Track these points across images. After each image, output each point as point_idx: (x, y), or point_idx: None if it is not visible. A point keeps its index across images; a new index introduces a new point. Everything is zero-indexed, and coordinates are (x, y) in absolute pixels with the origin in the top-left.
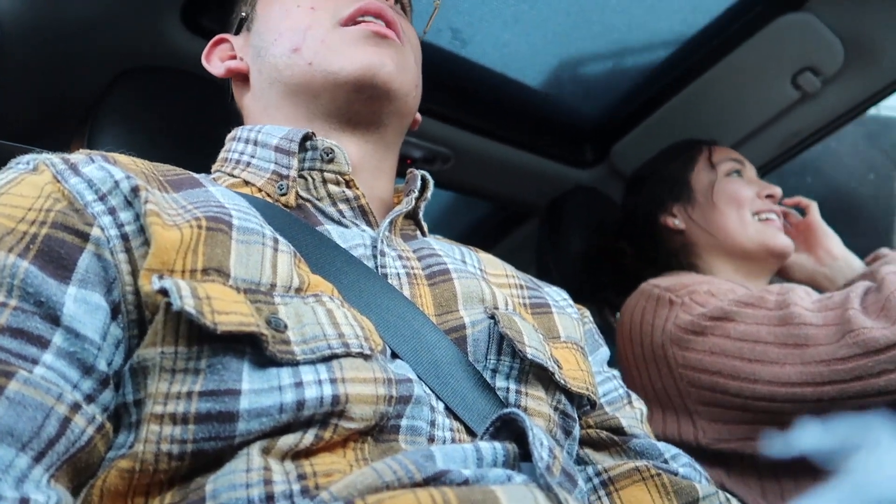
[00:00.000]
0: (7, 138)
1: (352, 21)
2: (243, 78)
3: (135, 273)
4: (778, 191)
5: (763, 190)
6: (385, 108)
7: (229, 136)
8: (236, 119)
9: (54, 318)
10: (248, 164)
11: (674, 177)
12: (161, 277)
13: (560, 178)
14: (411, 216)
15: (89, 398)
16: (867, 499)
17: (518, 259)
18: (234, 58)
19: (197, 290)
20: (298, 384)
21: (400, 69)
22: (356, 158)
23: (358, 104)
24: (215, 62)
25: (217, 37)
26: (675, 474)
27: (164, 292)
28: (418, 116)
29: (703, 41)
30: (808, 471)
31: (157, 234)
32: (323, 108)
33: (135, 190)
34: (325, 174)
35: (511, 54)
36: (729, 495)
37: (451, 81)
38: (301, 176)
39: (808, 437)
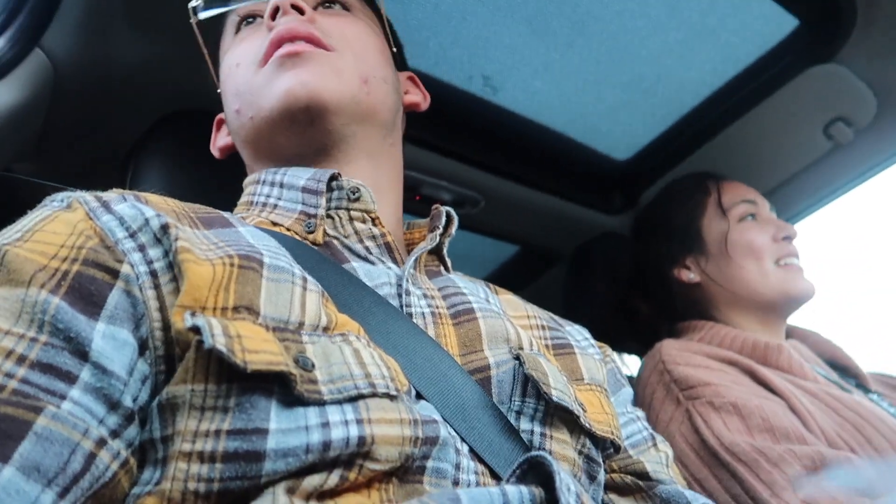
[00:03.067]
0: (52, 180)
1: (267, 59)
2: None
3: (163, 309)
4: (794, 231)
5: (779, 232)
6: (331, 122)
7: (249, 180)
8: None
9: (83, 354)
10: (276, 206)
11: (683, 227)
12: (193, 315)
13: (589, 224)
14: (435, 252)
15: (114, 433)
16: None
17: (544, 303)
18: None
19: (228, 328)
20: (325, 424)
21: (325, 76)
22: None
23: (303, 133)
24: (216, 145)
25: (217, 117)
26: None
27: (196, 330)
28: (415, 98)
29: (732, 91)
30: None
31: (189, 270)
32: (283, 153)
33: (164, 227)
34: (352, 212)
35: (541, 101)
36: None
37: (482, 127)
38: (328, 216)
39: (838, 486)
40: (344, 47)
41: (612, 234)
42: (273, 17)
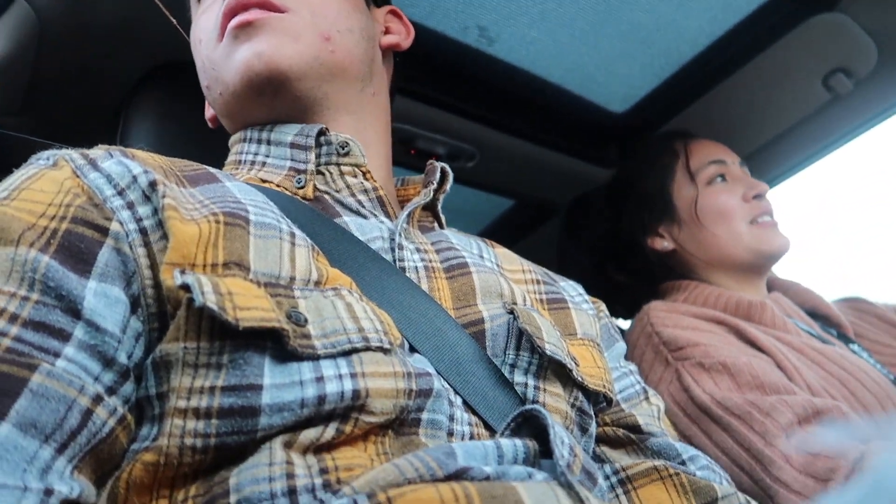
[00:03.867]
0: (42, 135)
1: (223, 32)
2: None
3: (154, 267)
4: (765, 188)
5: (750, 191)
6: (297, 88)
7: (234, 138)
8: None
9: (75, 312)
10: (264, 163)
11: (654, 194)
12: (183, 272)
13: (585, 177)
14: (429, 208)
15: (110, 390)
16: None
17: (540, 256)
18: None
19: (219, 285)
20: (319, 379)
21: (281, 43)
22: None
23: (270, 102)
24: (207, 115)
25: None
26: (693, 475)
27: (186, 288)
28: (394, 39)
29: (732, 40)
30: None
31: (175, 228)
32: (259, 122)
33: (153, 184)
34: (342, 167)
35: (538, 52)
36: (748, 497)
37: (477, 79)
38: (318, 171)
39: (830, 434)
40: (299, 6)
41: (608, 186)
42: None
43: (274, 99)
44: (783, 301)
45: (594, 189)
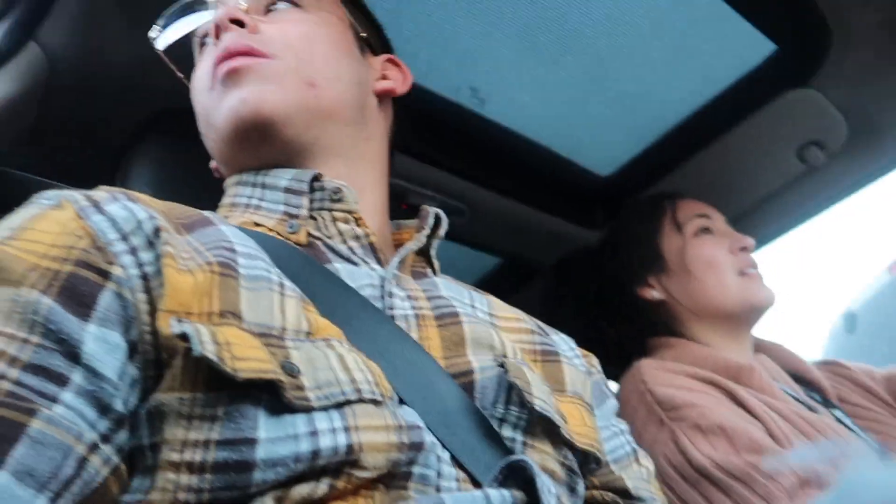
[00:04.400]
0: (43, 175)
1: (214, 80)
2: None
3: (153, 314)
4: (751, 242)
5: (735, 244)
6: (283, 133)
7: (230, 181)
8: None
9: (74, 356)
10: (259, 207)
11: (643, 246)
12: (180, 321)
13: (570, 238)
14: (423, 253)
15: (105, 438)
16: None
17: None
18: None
19: (216, 334)
20: (313, 433)
21: (264, 89)
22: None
23: (258, 148)
24: (212, 166)
25: None
26: None
27: (183, 337)
28: (389, 84)
29: (712, 111)
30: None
31: (170, 276)
32: (250, 167)
33: (157, 231)
34: (335, 213)
35: (528, 115)
36: None
37: (469, 138)
38: (311, 217)
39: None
40: (285, 52)
41: (593, 248)
42: (217, 35)
43: (261, 144)
44: (768, 364)
45: (579, 249)
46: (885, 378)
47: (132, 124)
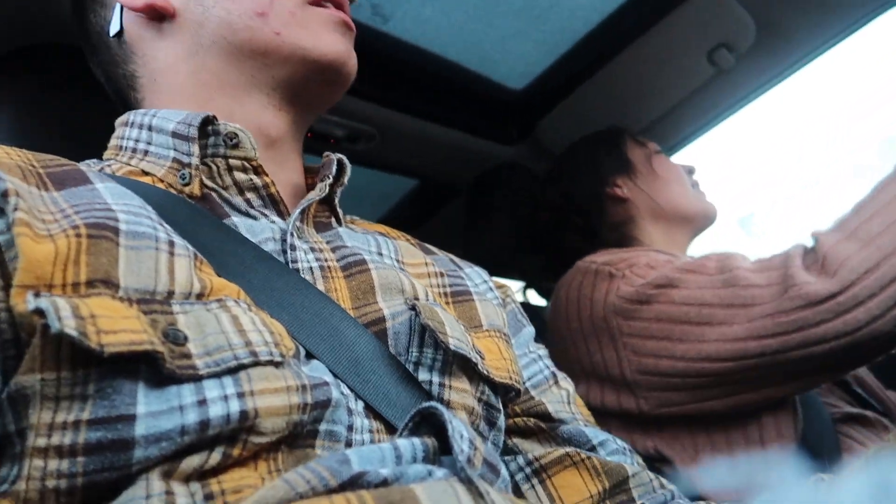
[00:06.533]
0: None
1: (318, 3)
2: (158, 20)
3: (7, 289)
4: (694, 166)
5: (684, 165)
6: (335, 95)
7: (120, 119)
8: None
9: None
10: (146, 152)
11: (612, 152)
12: (37, 295)
13: (486, 155)
14: (327, 202)
15: None
16: None
17: (444, 237)
18: None
19: (79, 307)
20: (202, 402)
21: (356, 62)
22: (276, 135)
23: (316, 86)
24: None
25: None
26: (603, 459)
27: (40, 313)
28: None
29: (622, 17)
30: (736, 423)
31: (25, 246)
32: (273, 81)
33: (4, 194)
34: (230, 161)
35: (433, 30)
36: (656, 474)
37: (373, 58)
38: (204, 164)
39: (714, 476)
40: None
41: (510, 164)
42: None
43: (319, 82)
44: None
45: (496, 166)
46: None
47: None
